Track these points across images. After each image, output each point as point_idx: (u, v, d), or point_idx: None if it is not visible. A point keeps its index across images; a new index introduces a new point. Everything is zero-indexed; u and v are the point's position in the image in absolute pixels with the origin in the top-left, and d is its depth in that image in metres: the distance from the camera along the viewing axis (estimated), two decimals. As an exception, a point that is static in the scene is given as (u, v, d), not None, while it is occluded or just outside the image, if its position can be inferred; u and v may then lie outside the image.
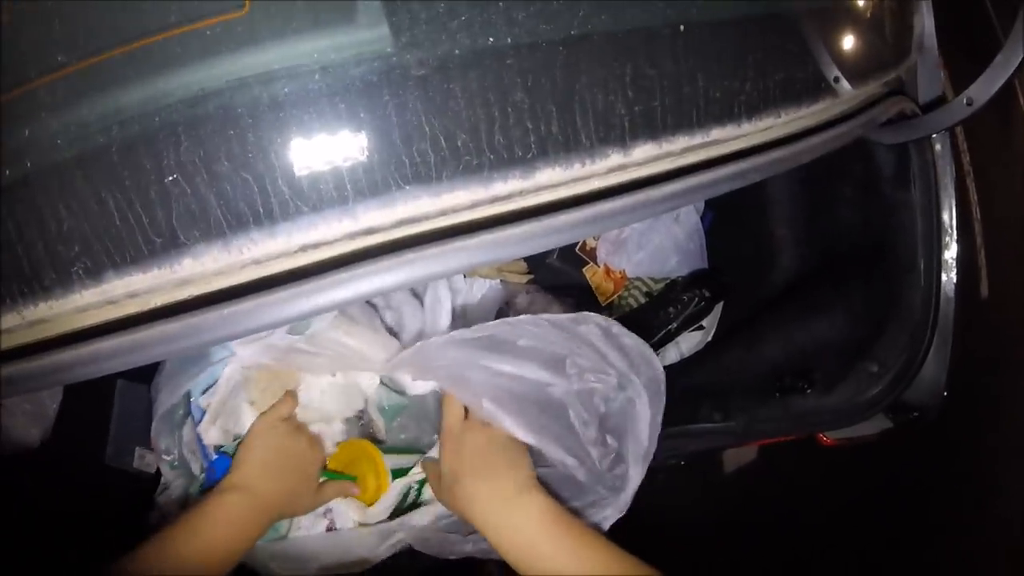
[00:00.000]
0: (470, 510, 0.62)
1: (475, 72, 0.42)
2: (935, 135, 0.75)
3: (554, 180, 0.45)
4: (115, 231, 0.40)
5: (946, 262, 0.77)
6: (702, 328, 1.09)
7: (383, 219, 0.42)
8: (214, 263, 0.41)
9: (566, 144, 0.44)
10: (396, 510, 0.77)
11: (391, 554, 0.74)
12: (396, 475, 0.76)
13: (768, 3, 0.54)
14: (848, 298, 0.86)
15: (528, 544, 0.58)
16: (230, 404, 0.72)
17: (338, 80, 0.40)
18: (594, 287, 1.12)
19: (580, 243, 1.11)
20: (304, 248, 0.42)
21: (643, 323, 1.06)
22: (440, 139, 0.42)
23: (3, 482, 0.67)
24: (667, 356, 1.08)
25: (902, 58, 0.68)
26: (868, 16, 0.63)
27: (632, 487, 0.67)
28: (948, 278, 0.78)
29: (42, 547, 0.67)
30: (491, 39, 0.42)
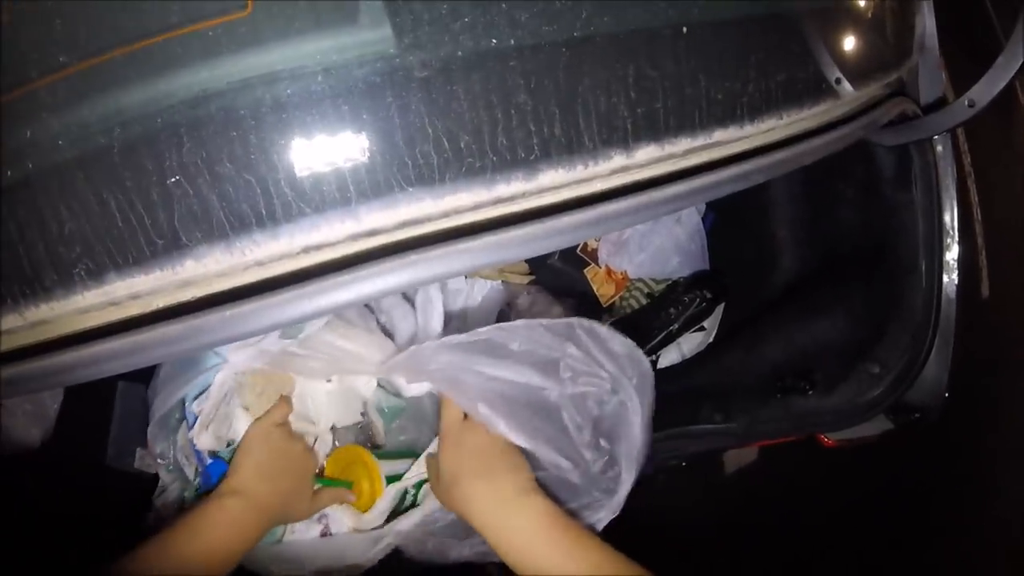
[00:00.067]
0: (468, 510, 0.62)
1: (478, 73, 0.42)
2: (936, 136, 0.75)
3: (557, 182, 0.45)
4: (117, 232, 0.40)
5: (947, 263, 0.77)
6: (703, 329, 1.09)
7: (386, 221, 0.42)
8: (216, 265, 0.40)
9: (569, 146, 0.44)
10: (392, 515, 0.77)
11: (383, 556, 0.74)
12: (390, 481, 0.75)
13: (769, 4, 0.54)
14: (849, 299, 0.86)
15: (526, 546, 0.59)
16: (223, 410, 0.72)
17: (341, 81, 0.40)
18: (595, 288, 1.11)
19: (581, 244, 1.11)
20: (307, 250, 0.42)
21: (644, 324, 1.06)
22: (443, 140, 0.41)
23: (4, 482, 0.67)
24: (668, 357, 1.08)
25: (903, 59, 0.68)
26: (869, 17, 0.63)
27: (625, 489, 0.67)
28: (949, 279, 0.78)
29: (43, 547, 0.66)
30: (494, 41, 0.42)
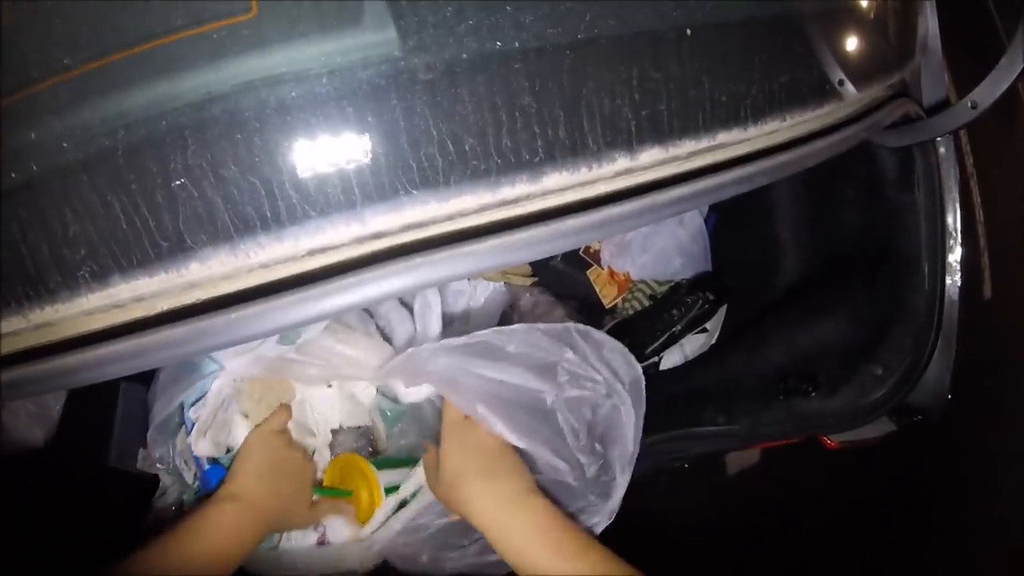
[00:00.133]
0: (469, 509, 0.62)
1: (482, 76, 0.42)
2: (939, 138, 0.75)
3: (561, 184, 0.45)
4: (122, 235, 0.40)
5: (950, 265, 0.77)
6: (706, 331, 1.09)
7: (391, 223, 0.42)
8: (221, 267, 0.40)
9: (573, 148, 0.44)
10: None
11: (378, 562, 0.74)
12: (388, 491, 0.75)
13: (772, 7, 0.54)
14: (852, 301, 0.85)
15: (526, 546, 0.59)
16: (221, 416, 0.72)
17: (345, 84, 0.40)
18: (598, 290, 1.11)
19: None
20: (312, 252, 0.42)
21: (647, 326, 1.06)
22: (448, 143, 0.41)
23: (6, 483, 0.67)
24: (671, 359, 1.08)
25: (906, 60, 0.68)
26: (872, 18, 0.63)
27: (619, 494, 0.67)
28: (952, 281, 0.77)
29: (44, 548, 0.66)
30: (498, 43, 0.42)
